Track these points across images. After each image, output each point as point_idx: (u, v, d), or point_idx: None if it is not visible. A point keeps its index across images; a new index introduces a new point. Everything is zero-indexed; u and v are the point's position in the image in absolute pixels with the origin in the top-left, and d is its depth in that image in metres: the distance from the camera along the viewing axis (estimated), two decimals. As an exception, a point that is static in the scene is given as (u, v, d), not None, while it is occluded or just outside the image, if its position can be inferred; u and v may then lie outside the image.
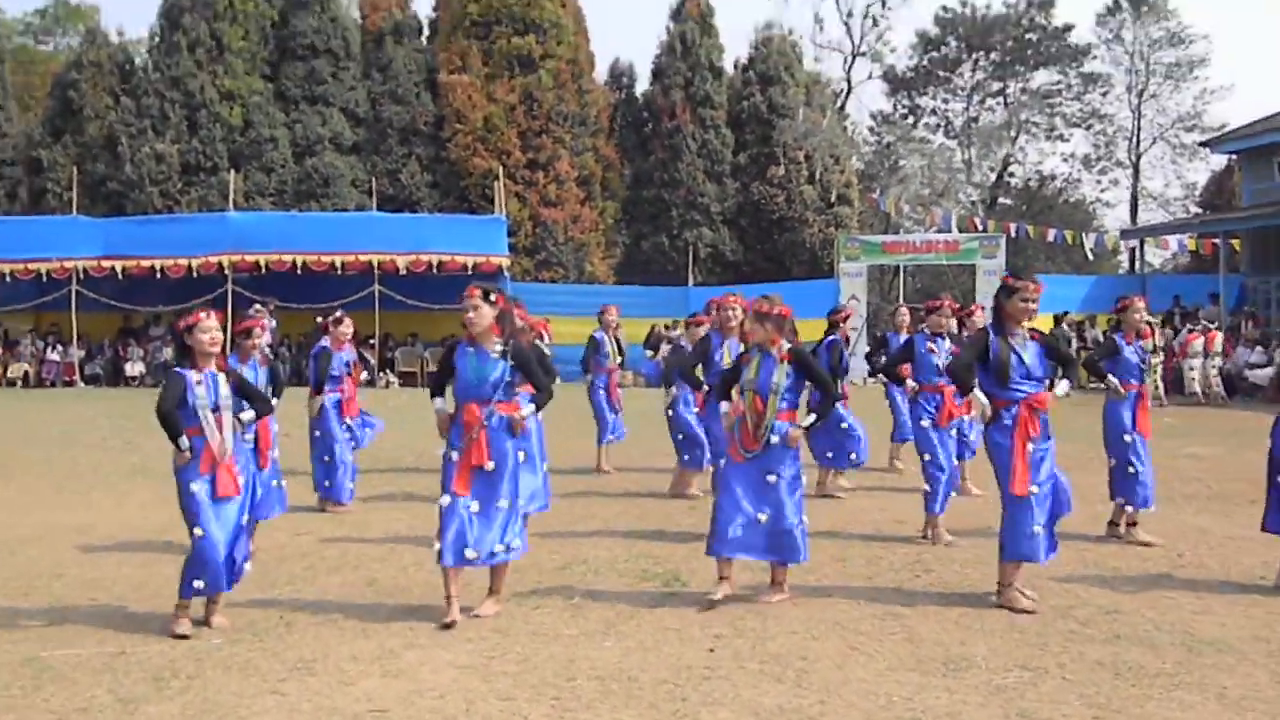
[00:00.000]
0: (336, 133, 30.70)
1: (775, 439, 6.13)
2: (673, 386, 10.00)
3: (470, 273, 24.07)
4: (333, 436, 9.30)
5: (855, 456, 9.87)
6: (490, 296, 5.92)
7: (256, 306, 11.19)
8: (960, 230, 28.68)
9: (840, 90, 38.46)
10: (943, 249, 27.65)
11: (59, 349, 26.12)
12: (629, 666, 5.13)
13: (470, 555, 5.79)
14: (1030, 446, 6.02)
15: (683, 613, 6.03)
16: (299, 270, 24.63)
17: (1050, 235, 30.13)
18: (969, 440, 9.44)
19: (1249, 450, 12.85)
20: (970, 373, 6.13)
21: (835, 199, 31.66)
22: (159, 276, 24.64)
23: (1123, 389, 7.91)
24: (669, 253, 30.91)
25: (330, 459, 9.31)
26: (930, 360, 8.45)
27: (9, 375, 25.66)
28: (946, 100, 42.55)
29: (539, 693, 4.80)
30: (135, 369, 25.95)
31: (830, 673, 5.04)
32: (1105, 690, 4.79)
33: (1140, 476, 7.84)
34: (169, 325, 22.83)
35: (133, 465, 12.04)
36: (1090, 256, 32.05)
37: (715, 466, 8.05)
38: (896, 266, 29.57)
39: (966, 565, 7.14)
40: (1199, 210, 37.41)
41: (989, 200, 38.88)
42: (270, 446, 7.55)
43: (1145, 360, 8.19)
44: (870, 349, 13.96)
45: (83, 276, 24.68)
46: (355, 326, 10.25)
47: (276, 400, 7.61)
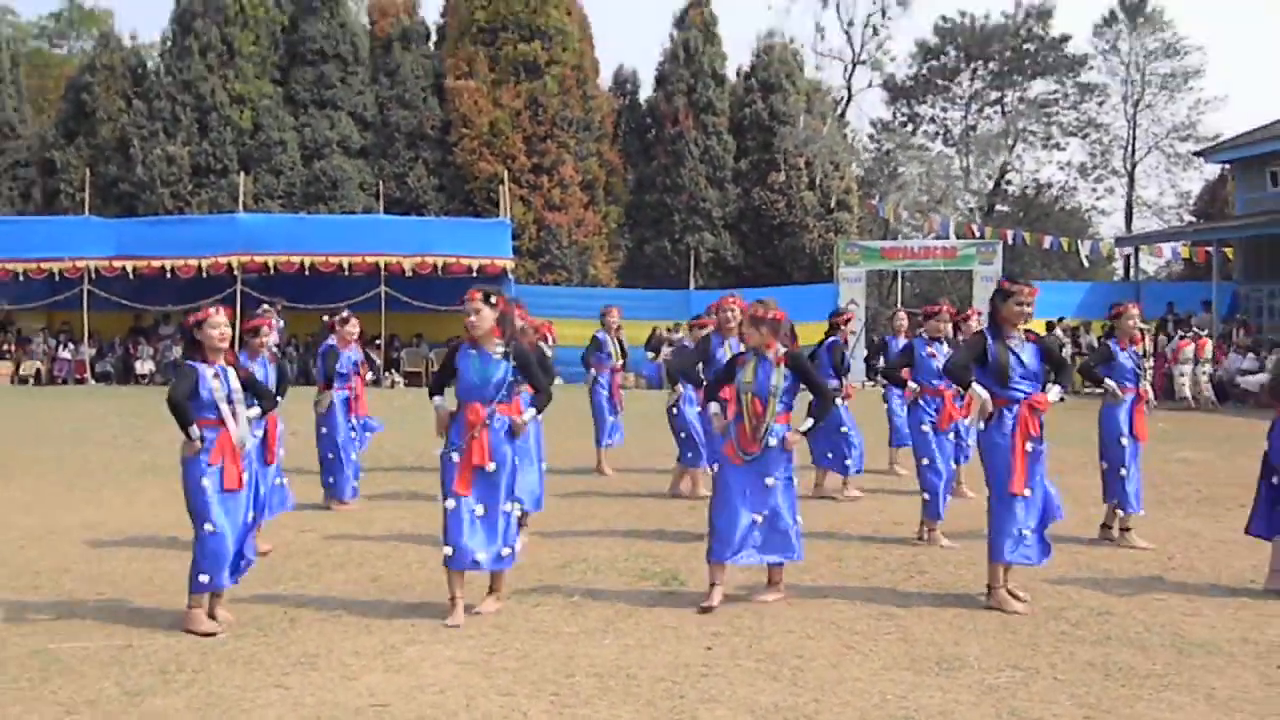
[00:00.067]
0: (345, 136, 30.73)
1: (774, 441, 6.13)
2: (677, 385, 10.00)
3: (475, 275, 24.07)
4: (338, 435, 9.32)
5: (850, 464, 9.87)
6: (491, 299, 5.92)
7: (265, 306, 11.19)
8: (958, 237, 28.63)
9: (840, 98, 38.50)
10: (940, 255, 27.64)
11: (70, 347, 26.15)
12: (627, 664, 5.14)
13: (480, 558, 5.79)
14: (1029, 446, 6.04)
15: (681, 611, 6.03)
16: (307, 271, 24.66)
17: (1046, 242, 30.09)
18: (965, 444, 9.43)
19: (1240, 455, 12.84)
20: (968, 371, 6.15)
21: (835, 205, 31.65)
22: (169, 276, 24.68)
23: (1120, 392, 7.92)
24: (671, 257, 30.92)
25: (334, 456, 9.33)
26: (930, 364, 8.47)
27: (21, 372, 25.70)
28: (945, 109, 42.60)
29: (538, 689, 4.80)
30: (145, 367, 25.98)
31: (825, 671, 5.04)
32: (1096, 690, 4.80)
33: (1129, 480, 7.86)
34: (179, 323, 22.84)
35: (142, 463, 12.04)
36: (1086, 263, 32.10)
37: (713, 469, 8.03)
38: (895, 272, 29.59)
39: (961, 567, 7.14)
40: (1193, 219, 37.42)
41: (986, 207, 38.85)
42: (276, 443, 7.56)
43: (1140, 365, 8.19)
44: (870, 353, 13.95)
45: (94, 276, 24.74)
46: (361, 327, 10.26)
47: (281, 399, 7.61)
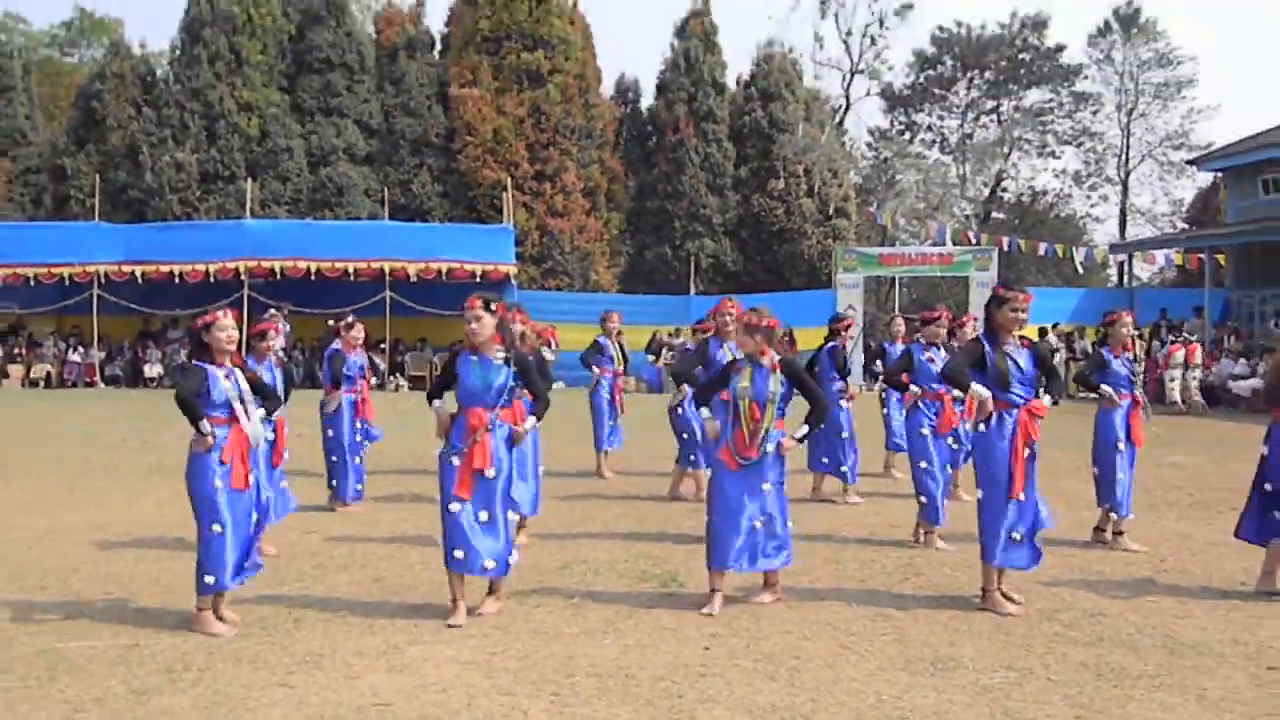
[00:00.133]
0: (350, 144, 30.74)
1: (770, 447, 6.12)
2: (682, 385, 10.00)
3: (479, 280, 24.06)
4: (343, 437, 9.31)
5: (846, 470, 9.86)
6: (490, 306, 5.93)
7: (271, 311, 11.20)
8: (954, 243, 28.62)
9: (839, 107, 38.46)
10: (937, 261, 27.64)
11: (80, 350, 26.15)
12: (627, 664, 5.13)
13: (489, 565, 5.79)
14: (1028, 451, 6.04)
15: (680, 612, 6.03)
16: (313, 276, 24.64)
17: (1041, 249, 30.08)
18: (965, 448, 9.40)
19: (1230, 460, 12.86)
20: (965, 375, 6.15)
21: (833, 212, 31.64)
22: (178, 281, 24.66)
23: (1116, 398, 7.92)
24: (671, 262, 30.91)
25: (338, 459, 9.32)
26: (929, 368, 8.50)
27: (32, 375, 25.70)
28: (942, 117, 42.57)
29: (539, 688, 4.80)
30: (154, 370, 25.98)
31: (822, 672, 5.04)
32: (1088, 691, 4.79)
33: (1122, 485, 7.85)
34: (187, 327, 22.84)
35: (149, 464, 12.05)
36: (1080, 270, 32.06)
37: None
38: (892, 278, 29.56)
39: (956, 569, 7.14)
40: (1185, 226, 37.38)
41: (982, 214, 38.84)
42: (284, 445, 7.56)
43: (1133, 372, 8.20)
44: (869, 359, 13.99)
45: (104, 281, 24.71)
46: (366, 331, 10.25)
47: (285, 402, 7.61)
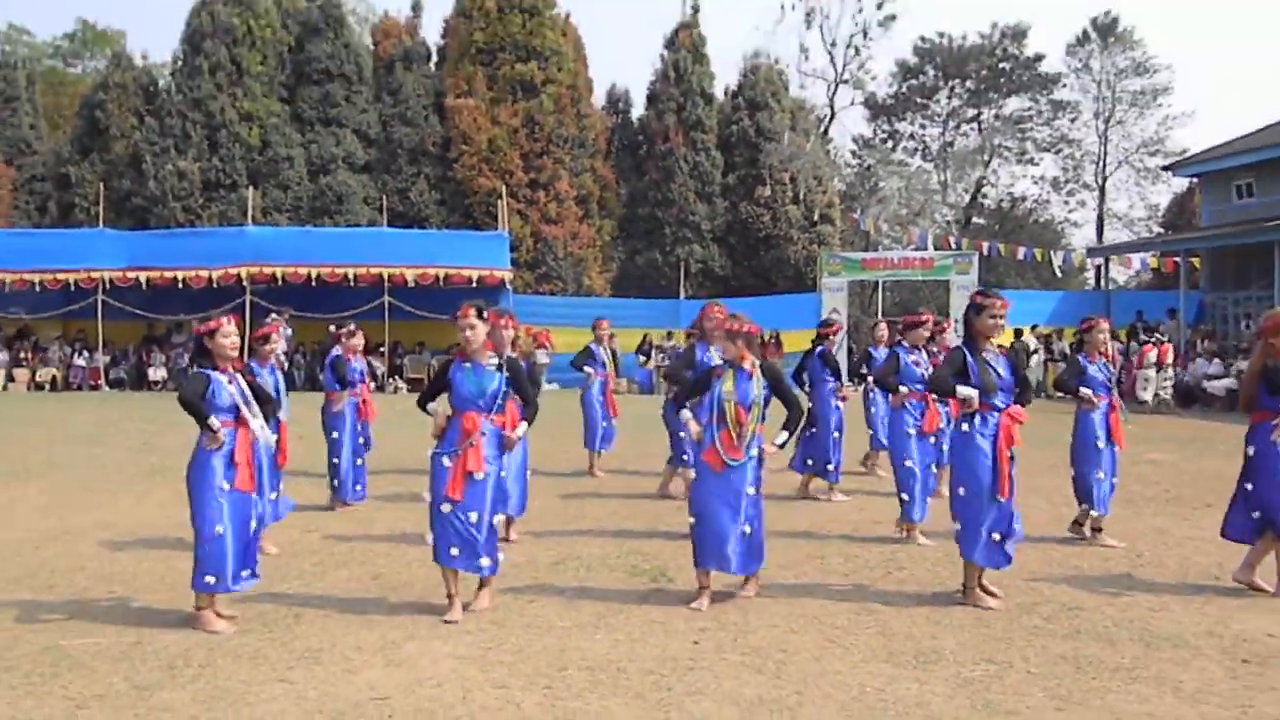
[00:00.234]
0: (349, 153, 30.68)
1: (754, 451, 6.10)
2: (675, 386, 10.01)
3: (475, 285, 24.07)
4: (343, 440, 9.29)
5: (831, 468, 9.86)
6: (483, 314, 5.93)
7: (273, 315, 11.20)
8: (936, 248, 28.68)
9: (824, 116, 38.45)
10: (919, 266, 27.71)
11: (85, 355, 26.04)
12: (617, 657, 5.13)
13: (484, 563, 5.78)
14: (1009, 453, 6.04)
15: (669, 607, 6.03)
16: (314, 282, 24.55)
17: (1021, 253, 30.16)
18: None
19: (1203, 457, 12.91)
20: (949, 383, 6.14)
21: (818, 218, 31.65)
22: (181, 287, 24.55)
23: (1095, 400, 7.94)
24: (662, 268, 30.90)
25: (339, 461, 9.29)
26: (914, 370, 8.58)
27: (38, 379, 25.58)
28: (924, 125, 42.65)
29: (532, 682, 4.79)
30: (158, 374, 25.88)
31: (807, 664, 5.04)
32: (1067, 683, 4.79)
33: (1103, 485, 7.87)
34: (190, 332, 22.78)
35: (152, 465, 11.99)
36: (1058, 273, 32.12)
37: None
38: (875, 282, 29.60)
39: (938, 564, 7.14)
40: (1161, 230, 37.53)
41: (963, 220, 38.89)
42: (286, 446, 7.55)
43: (1109, 376, 8.22)
44: (856, 362, 14.03)
45: (109, 286, 24.61)
46: (366, 335, 10.23)
47: (283, 404, 7.62)
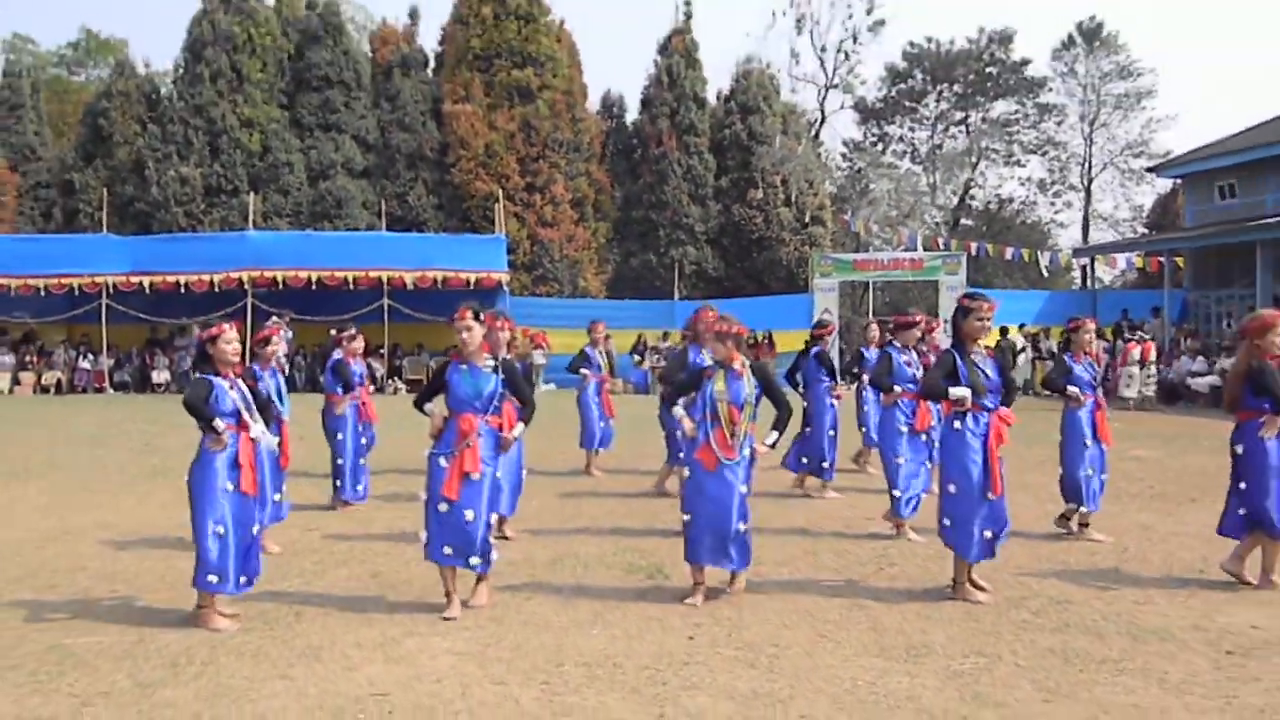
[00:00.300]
0: (348, 158, 30.66)
1: (746, 451, 6.10)
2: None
3: (472, 288, 24.04)
4: (345, 441, 9.27)
5: (825, 466, 9.87)
6: (480, 316, 5.92)
7: (274, 318, 11.19)
8: (925, 249, 28.69)
9: (814, 119, 38.49)
10: (909, 266, 27.73)
11: (90, 358, 25.98)
12: (614, 653, 5.12)
13: (475, 561, 5.77)
14: (999, 452, 6.04)
15: (665, 604, 6.02)
16: (314, 285, 24.52)
17: (1008, 254, 30.20)
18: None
19: (1187, 454, 12.93)
20: (940, 386, 6.14)
21: (809, 220, 31.70)
22: (183, 291, 24.52)
23: (1082, 398, 7.95)
24: (656, 269, 30.91)
25: (343, 461, 9.28)
26: (905, 370, 8.56)
27: (43, 382, 25.52)
28: (913, 129, 42.64)
29: (530, 677, 4.79)
30: (161, 377, 25.82)
31: (800, 659, 5.03)
32: (1055, 675, 4.80)
33: (1092, 481, 7.88)
34: (192, 335, 22.76)
35: (154, 466, 11.96)
36: (1045, 273, 32.17)
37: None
38: (866, 282, 29.60)
39: (928, 560, 7.14)
40: (1146, 230, 37.56)
41: (952, 221, 38.90)
42: (288, 447, 7.54)
43: (1095, 376, 8.23)
44: (848, 363, 14.06)
45: (112, 291, 24.56)
46: (365, 337, 10.22)
47: (283, 407, 7.62)
